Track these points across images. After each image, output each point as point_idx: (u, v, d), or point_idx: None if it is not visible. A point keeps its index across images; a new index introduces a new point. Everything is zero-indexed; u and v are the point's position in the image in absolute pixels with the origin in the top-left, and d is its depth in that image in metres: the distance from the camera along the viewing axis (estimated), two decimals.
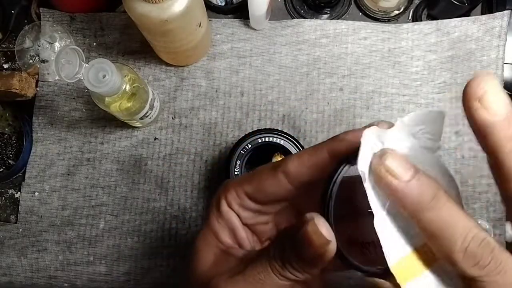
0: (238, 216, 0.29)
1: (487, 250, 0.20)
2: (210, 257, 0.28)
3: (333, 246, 0.22)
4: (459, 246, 0.20)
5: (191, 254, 0.29)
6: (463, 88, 0.20)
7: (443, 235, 0.20)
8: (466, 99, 0.20)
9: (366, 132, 0.22)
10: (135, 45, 0.57)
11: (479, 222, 0.52)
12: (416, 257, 0.21)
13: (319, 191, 0.24)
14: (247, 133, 0.50)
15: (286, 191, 0.27)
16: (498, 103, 0.20)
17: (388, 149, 0.21)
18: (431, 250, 0.21)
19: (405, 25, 0.56)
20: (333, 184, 0.23)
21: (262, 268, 0.24)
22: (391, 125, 0.23)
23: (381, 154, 0.21)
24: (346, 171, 0.23)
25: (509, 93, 0.54)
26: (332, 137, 0.26)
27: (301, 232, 0.22)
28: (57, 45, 0.57)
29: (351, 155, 0.22)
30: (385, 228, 0.21)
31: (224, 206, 0.29)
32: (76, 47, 0.40)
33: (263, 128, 0.50)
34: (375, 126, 0.22)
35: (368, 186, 0.21)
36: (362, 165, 0.21)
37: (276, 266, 0.24)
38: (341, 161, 0.23)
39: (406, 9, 0.58)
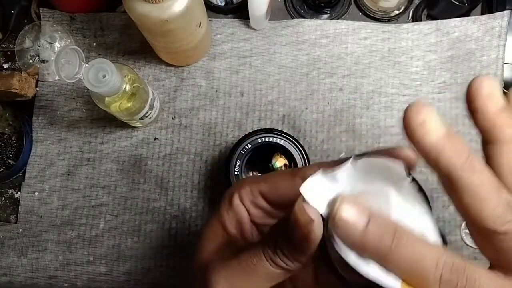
0: (248, 212, 0.30)
1: (460, 273, 0.20)
2: (213, 245, 0.29)
3: (317, 227, 0.22)
4: (433, 278, 0.20)
5: (197, 241, 0.30)
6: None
7: (413, 271, 0.20)
8: (409, 129, 0.21)
9: (303, 190, 0.22)
10: (135, 45, 0.57)
11: None
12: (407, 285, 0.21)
13: None
14: (247, 133, 0.50)
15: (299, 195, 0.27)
16: (438, 124, 0.20)
17: (339, 197, 0.21)
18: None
19: (405, 25, 0.56)
20: None
21: (255, 254, 0.25)
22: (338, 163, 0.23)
23: (332, 206, 0.21)
24: None
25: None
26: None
27: (291, 214, 0.23)
28: (57, 45, 0.57)
29: None
30: (368, 267, 0.21)
31: (236, 200, 0.29)
32: (76, 47, 0.40)
33: (263, 128, 0.50)
34: (318, 174, 0.22)
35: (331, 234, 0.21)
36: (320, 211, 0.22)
37: (268, 252, 0.24)
38: None
39: (406, 9, 0.58)
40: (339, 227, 0.21)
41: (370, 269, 0.21)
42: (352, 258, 0.21)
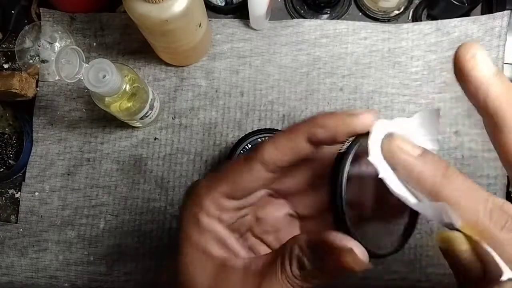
0: (220, 220, 0.27)
1: (510, 213, 0.20)
2: (207, 280, 0.26)
3: (360, 257, 0.22)
4: (483, 212, 0.20)
5: (183, 283, 0.27)
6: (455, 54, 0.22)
7: (465, 204, 0.21)
8: (460, 61, 0.21)
9: (376, 124, 0.23)
10: (135, 45, 0.57)
11: None
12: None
13: (300, 171, 0.25)
14: (247, 133, 0.50)
15: (265, 180, 0.26)
16: (489, 61, 0.21)
17: (394, 135, 0.23)
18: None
19: (405, 25, 0.56)
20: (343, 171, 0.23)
21: (280, 286, 0.24)
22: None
23: (390, 136, 0.22)
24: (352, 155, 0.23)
25: None
26: (309, 121, 0.25)
27: (336, 259, 0.22)
28: (57, 45, 0.57)
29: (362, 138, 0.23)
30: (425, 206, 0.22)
31: (204, 218, 0.26)
32: (76, 47, 0.40)
33: (263, 128, 0.50)
34: (381, 120, 0.23)
35: (384, 171, 0.22)
36: (374, 157, 0.22)
37: (296, 281, 0.23)
38: (350, 142, 0.24)
39: (406, 9, 0.58)
40: (400, 160, 0.22)
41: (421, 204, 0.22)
42: (405, 195, 0.22)
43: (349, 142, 0.24)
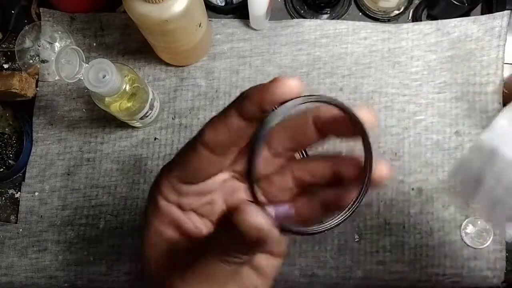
0: (180, 205, 0.27)
1: None
2: (159, 259, 0.27)
3: (273, 231, 0.22)
4: None
5: (142, 259, 0.28)
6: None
7: None
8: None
9: None
10: (135, 45, 0.57)
11: (478, 222, 0.52)
12: None
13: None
14: None
15: (212, 163, 0.26)
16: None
17: None
18: None
19: (405, 25, 0.56)
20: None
21: (210, 261, 0.24)
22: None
23: None
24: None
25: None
26: (241, 96, 0.25)
27: (239, 231, 0.22)
28: (57, 45, 0.57)
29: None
30: None
31: (161, 201, 0.27)
32: (76, 47, 0.40)
33: None
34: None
35: None
36: None
37: (223, 257, 0.23)
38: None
39: (406, 9, 0.58)
40: None
41: None
42: None
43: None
